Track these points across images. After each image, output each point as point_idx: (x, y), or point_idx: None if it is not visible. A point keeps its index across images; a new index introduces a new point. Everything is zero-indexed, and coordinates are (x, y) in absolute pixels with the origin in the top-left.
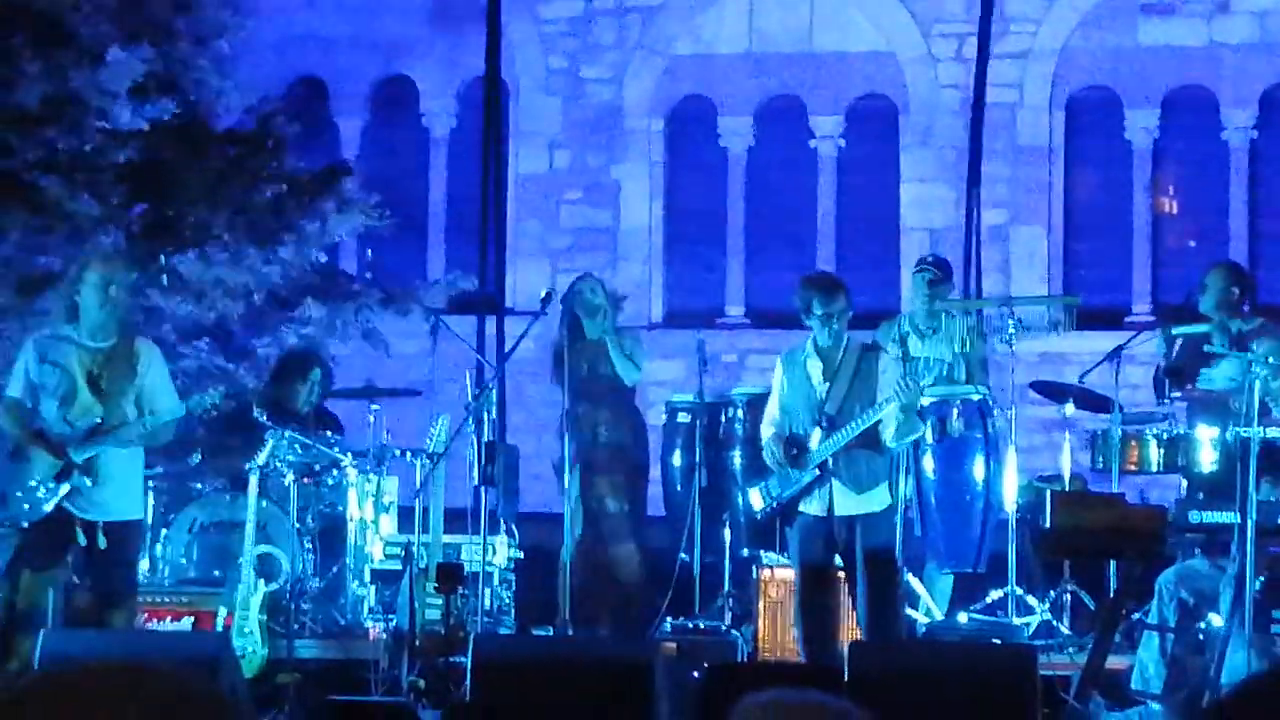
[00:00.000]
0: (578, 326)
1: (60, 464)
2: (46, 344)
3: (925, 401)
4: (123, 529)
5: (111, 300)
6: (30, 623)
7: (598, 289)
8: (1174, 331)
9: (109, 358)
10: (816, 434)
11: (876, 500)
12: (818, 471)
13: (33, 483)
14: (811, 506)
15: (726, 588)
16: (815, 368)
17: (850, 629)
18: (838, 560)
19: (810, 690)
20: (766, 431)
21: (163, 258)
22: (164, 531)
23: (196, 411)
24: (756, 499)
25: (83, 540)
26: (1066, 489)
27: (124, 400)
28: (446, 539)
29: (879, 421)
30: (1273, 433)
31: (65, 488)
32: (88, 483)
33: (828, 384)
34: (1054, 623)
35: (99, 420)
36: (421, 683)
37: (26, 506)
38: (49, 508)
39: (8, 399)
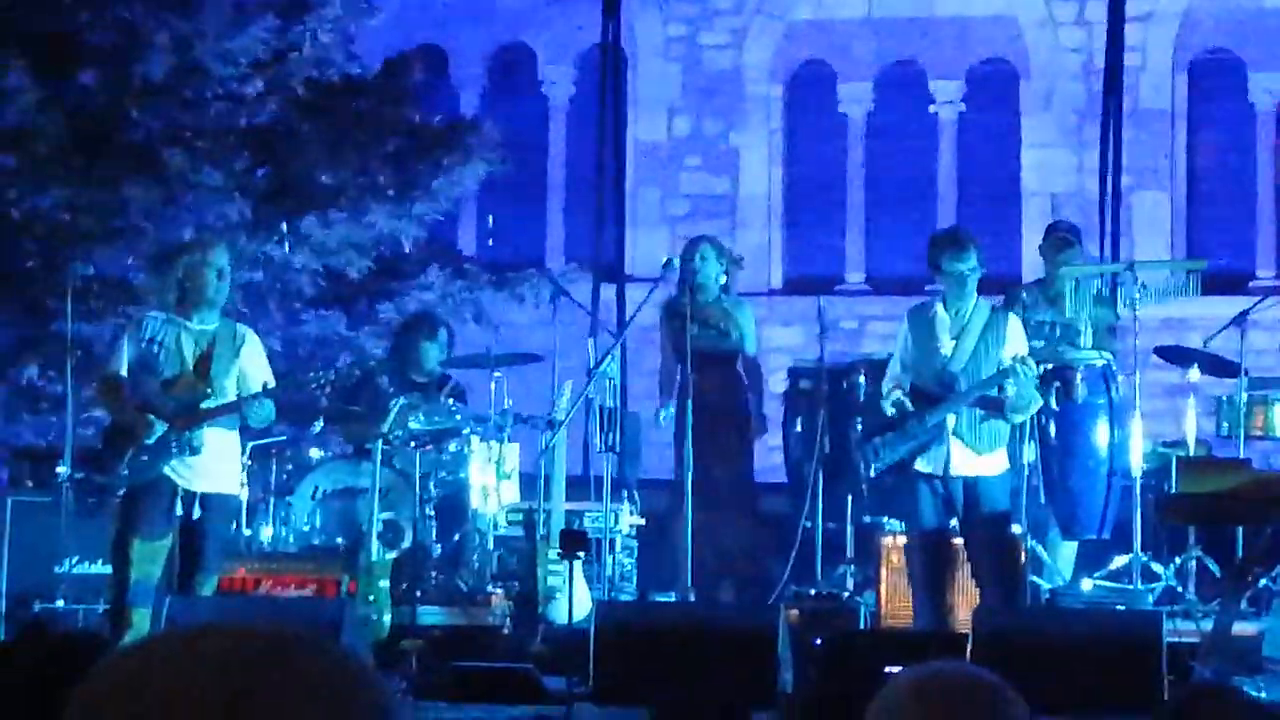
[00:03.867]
0: (692, 290)
1: (161, 433)
2: (152, 324)
3: (1048, 367)
4: (217, 501)
5: (216, 283)
6: (144, 593)
7: (709, 253)
8: None
9: (212, 340)
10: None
11: (994, 464)
12: (937, 430)
13: (135, 451)
14: (926, 465)
15: (849, 554)
16: (943, 325)
17: (967, 596)
18: (953, 525)
19: (960, 662)
20: (889, 385)
21: (283, 225)
22: (287, 499)
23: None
24: (867, 456)
25: (180, 510)
26: (1191, 454)
27: (225, 381)
28: (568, 506)
29: (1004, 387)
30: None
31: (167, 455)
32: (188, 453)
33: (954, 342)
34: (1179, 589)
35: (203, 400)
36: (545, 649)
37: (126, 473)
38: (151, 474)
39: (109, 373)
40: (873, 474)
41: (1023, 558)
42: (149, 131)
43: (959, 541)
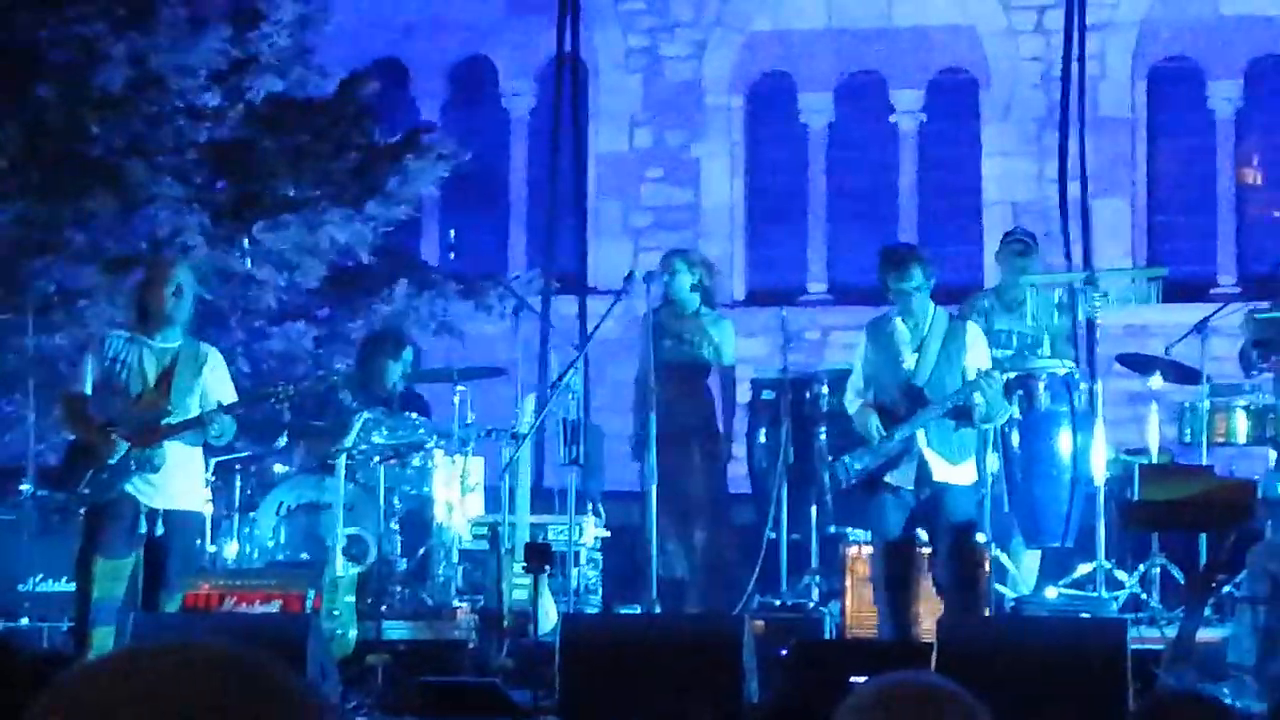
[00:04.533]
0: (668, 303)
1: (123, 452)
2: (116, 342)
3: (1010, 376)
4: (180, 519)
5: (174, 300)
6: (108, 611)
7: (680, 266)
8: (1258, 317)
9: (175, 357)
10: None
11: (964, 474)
12: (905, 444)
13: (95, 470)
14: (896, 478)
15: (813, 565)
16: (903, 339)
17: (931, 605)
18: (920, 536)
19: (923, 672)
20: (853, 402)
21: (244, 240)
22: (251, 514)
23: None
24: (838, 470)
25: (144, 528)
26: (1154, 462)
27: (188, 399)
28: (533, 519)
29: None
30: None
31: (128, 474)
32: (148, 470)
33: (916, 355)
34: (1143, 596)
35: (165, 418)
36: (510, 663)
37: (87, 491)
38: (113, 493)
39: (72, 392)
40: (843, 488)
41: (987, 566)
42: (108, 145)
43: (926, 551)
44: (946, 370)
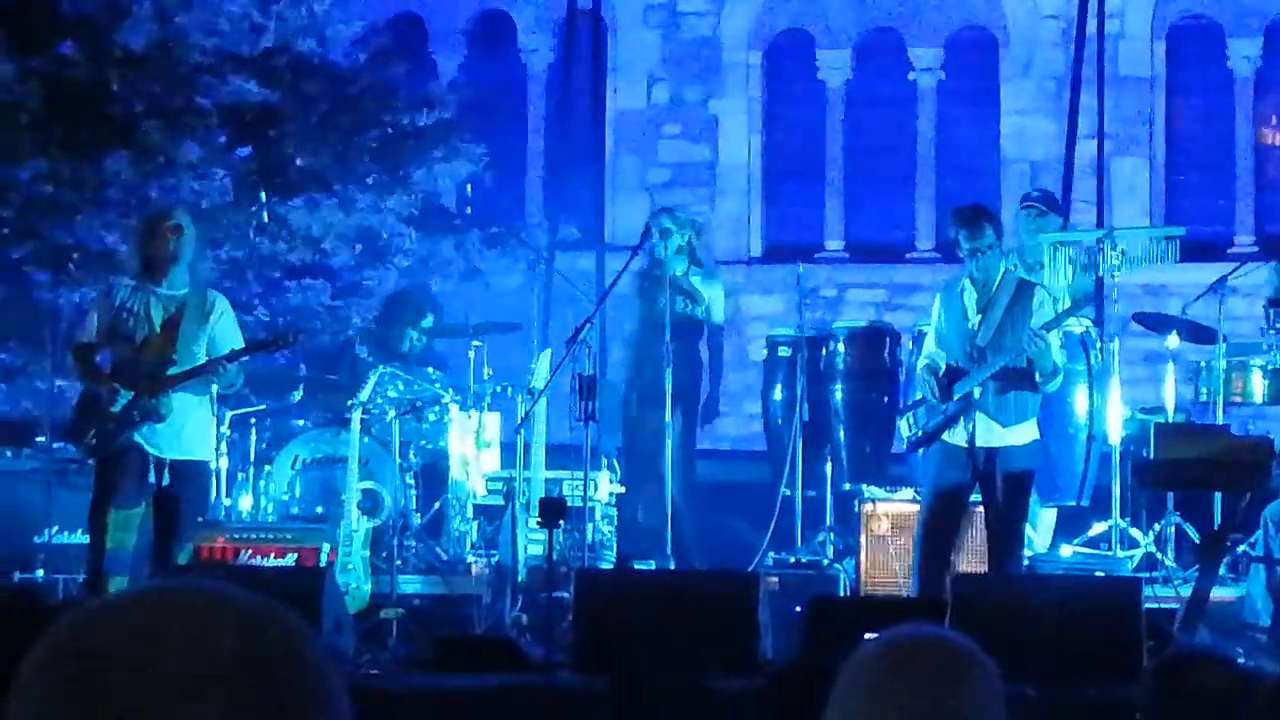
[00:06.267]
0: (656, 261)
1: (126, 401)
2: (122, 292)
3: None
4: (188, 467)
5: (182, 251)
6: (119, 563)
7: (669, 225)
8: None
9: (182, 305)
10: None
11: (1021, 434)
12: (963, 403)
13: (101, 420)
14: (955, 436)
15: (828, 522)
16: (970, 299)
17: (964, 566)
18: (974, 495)
19: (932, 627)
20: (922, 361)
21: (262, 195)
22: (266, 468)
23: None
24: (904, 428)
25: (152, 478)
26: (1170, 421)
27: (195, 347)
28: (548, 474)
29: (1029, 358)
30: None
31: (133, 424)
32: (154, 419)
33: (980, 315)
34: (1158, 555)
35: (170, 366)
36: (524, 618)
37: (94, 442)
38: (119, 443)
39: (79, 344)
40: (907, 447)
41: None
42: (129, 104)
43: (977, 510)
44: (1010, 331)
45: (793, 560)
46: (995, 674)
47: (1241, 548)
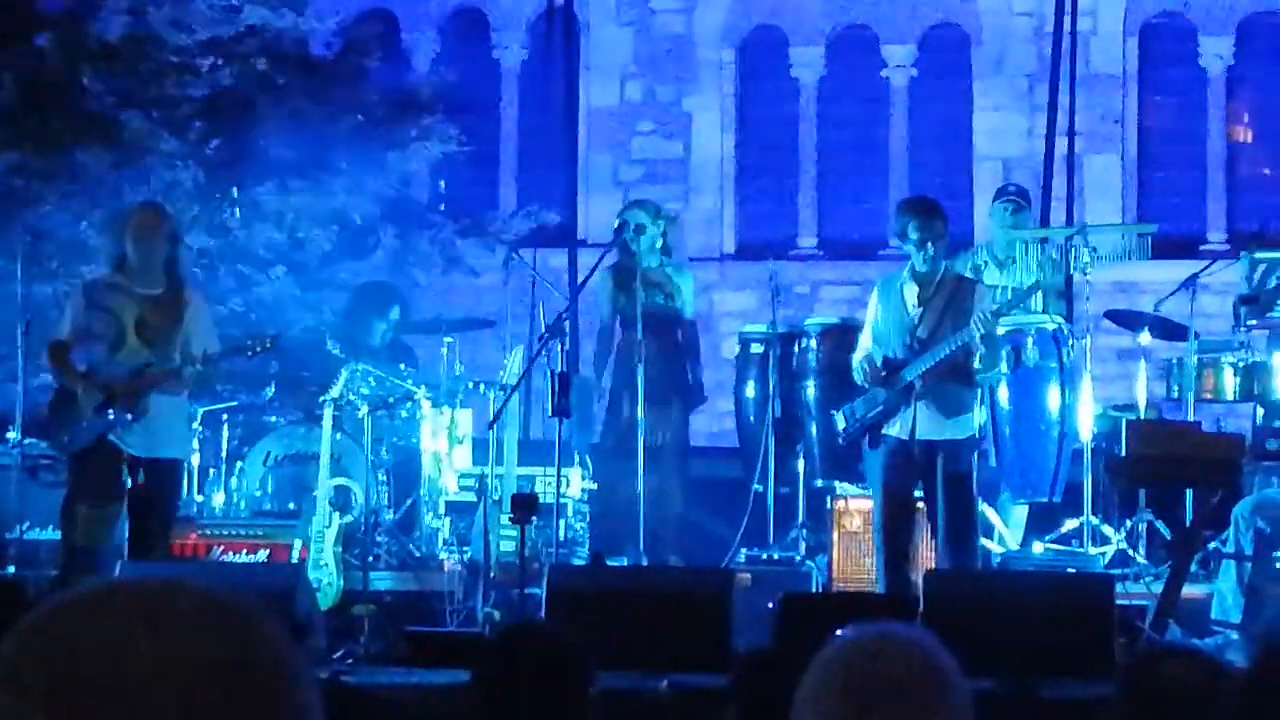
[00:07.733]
0: (629, 254)
1: (100, 400)
2: (96, 289)
3: (1000, 331)
4: (163, 466)
5: (157, 248)
6: (91, 561)
7: (642, 218)
8: (1256, 256)
9: (156, 304)
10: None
11: (961, 428)
12: (903, 395)
13: (75, 418)
14: (895, 429)
15: (801, 518)
16: (911, 293)
17: (927, 559)
18: (918, 491)
19: (892, 625)
20: (858, 356)
21: (234, 190)
22: (239, 464)
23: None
24: (840, 420)
25: (127, 477)
26: (1141, 417)
27: (170, 346)
28: (520, 471)
29: (968, 351)
30: None
31: (107, 422)
32: (129, 417)
33: (921, 309)
34: (1130, 552)
35: (146, 364)
36: (496, 614)
37: (68, 439)
38: (93, 440)
39: (54, 341)
40: (843, 439)
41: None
42: (103, 97)
43: (922, 505)
44: (950, 326)
45: (765, 557)
46: (953, 666)
47: (1213, 544)
